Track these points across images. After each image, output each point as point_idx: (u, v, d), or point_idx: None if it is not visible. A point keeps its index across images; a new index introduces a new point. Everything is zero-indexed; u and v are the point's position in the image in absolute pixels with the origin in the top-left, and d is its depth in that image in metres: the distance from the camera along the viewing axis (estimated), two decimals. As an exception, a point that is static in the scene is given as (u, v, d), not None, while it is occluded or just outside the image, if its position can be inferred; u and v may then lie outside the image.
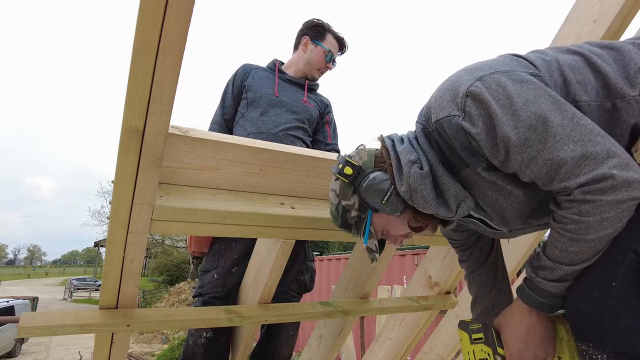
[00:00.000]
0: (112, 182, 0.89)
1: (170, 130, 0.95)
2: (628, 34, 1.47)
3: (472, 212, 0.97)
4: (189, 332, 1.76)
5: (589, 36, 1.34)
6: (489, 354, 0.90)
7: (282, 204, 1.19)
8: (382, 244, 1.09)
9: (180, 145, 0.99)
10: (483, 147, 0.80)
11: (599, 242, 0.77)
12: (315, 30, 2.06)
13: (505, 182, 0.85)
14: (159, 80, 0.73)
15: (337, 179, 0.96)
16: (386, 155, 0.93)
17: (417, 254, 6.97)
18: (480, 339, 0.92)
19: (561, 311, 0.88)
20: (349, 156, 0.95)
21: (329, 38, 2.06)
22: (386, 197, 0.91)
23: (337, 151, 2.04)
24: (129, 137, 0.80)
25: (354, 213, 0.97)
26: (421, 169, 0.87)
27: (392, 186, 0.91)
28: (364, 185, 0.92)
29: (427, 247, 1.96)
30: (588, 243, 0.77)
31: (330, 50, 2.04)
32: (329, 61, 2.06)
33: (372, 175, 0.92)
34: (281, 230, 1.21)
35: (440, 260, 1.79)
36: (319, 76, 2.10)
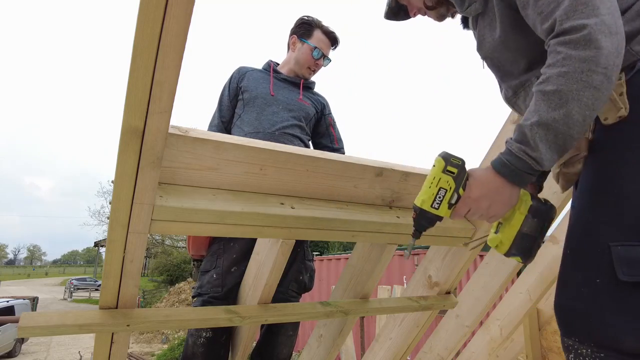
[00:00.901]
0: (112, 182, 0.90)
1: (170, 130, 0.95)
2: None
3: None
4: (189, 332, 1.75)
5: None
6: (450, 188, 0.92)
7: (282, 204, 1.19)
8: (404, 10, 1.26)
9: (180, 145, 0.99)
10: None
11: (554, 100, 0.78)
12: (302, 28, 2.04)
13: (500, 17, 0.95)
14: (159, 80, 0.73)
15: None
16: None
17: (417, 254, 6.97)
18: (452, 172, 0.93)
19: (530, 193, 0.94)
20: None
21: (317, 34, 2.02)
22: None
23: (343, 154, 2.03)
24: (129, 137, 0.80)
25: None
26: None
27: None
28: None
29: (427, 247, 1.96)
30: (544, 97, 0.80)
31: (316, 47, 2.00)
32: (317, 58, 2.01)
33: None
34: (281, 230, 1.21)
35: (440, 260, 1.79)
36: (310, 75, 2.07)
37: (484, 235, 1.51)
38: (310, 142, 2.05)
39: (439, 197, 0.93)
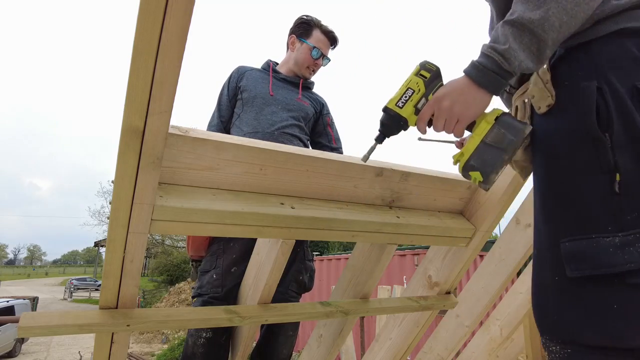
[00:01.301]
0: (112, 182, 0.90)
1: (170, 130, 0.95)
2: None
3: None
4: (189, 333, 1.75)
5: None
6: (419, 90, 0.90)
7: (282, 204, 1.19)
8: None
9: (180, 145, 0.99)
10: None
11: (532, 1, 0.76)
12: (301, 28, 2.03)
13: None
14: (159, 80, 0.73)
15: None
16: None
17: (417, 254, 6.97)
18: (424, 77, 0.92)
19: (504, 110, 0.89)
20: None
21: (316, 34, 2.01)
22: None
23: (340, 153, 2.02)
24: (129, 137, 0.80)
25: None
26: None
27: None
28: None
29: (427, 247, 1.96)
30: None
31: (315, 47, 1.99)
32: (316, 58, 2.00)
33: None
34: (281, 230, 1.21)
35: (440, 261, 1.79)
36: (310, 74, 2.06)
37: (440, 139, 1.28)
38: (309, 142, 2.05)
39: (405, 97, 0.90)
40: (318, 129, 2.08)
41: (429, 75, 0.91)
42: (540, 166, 0.84)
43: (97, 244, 35.85)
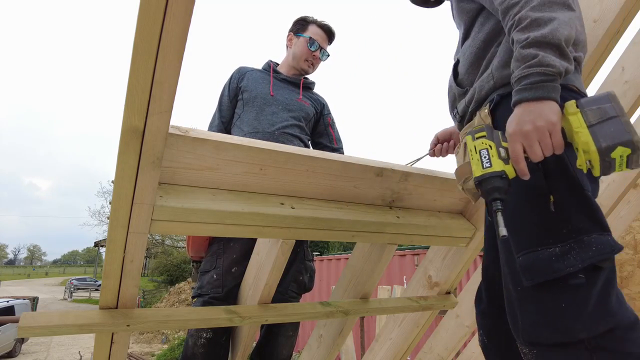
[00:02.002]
0: (112, 182, 0.90)
1: (170, 130, 0.95)
2: (628, 34, 1.47)
3: None
4: (189, 333, 1.75)
5: (589, 36, 1.34)
6: (490, 145, 0.89)
7: (282, 204, 1.19)
8: None
9: (180, 146, 0.99)
10: None
11: (534, 24, 0.84)
12: (298, 25, 2.06)
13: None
14: (159, 80, 0.73)
15: None
16: None
17: (417, 254, 6.97)
18: (483, 135, 0.91)
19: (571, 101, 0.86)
20: None
21: (312, 28, 2.03)
22: None
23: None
24: (129, 137, 0.80)
25: None
26: None
27: None
28: None
29: (427, 247, 1.96)
30: (527, 23, 0.85)
31: (312, 38, 2.00)
32: (314, 49, 2.01)
33: None
34: (281, 230, 1.21)
35: (440, 261, 1.79)
36: (309, 67, 2.06)
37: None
38: (309, 142, 2.05)
39: (485, 157, 0.88)
40: (319, 130, 2.08)
41: (484, 132, 0.91)
42: None
43: (97, 244, 35.85)
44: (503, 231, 0.82)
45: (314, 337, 1.95)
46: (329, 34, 2.06)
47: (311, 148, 2.07)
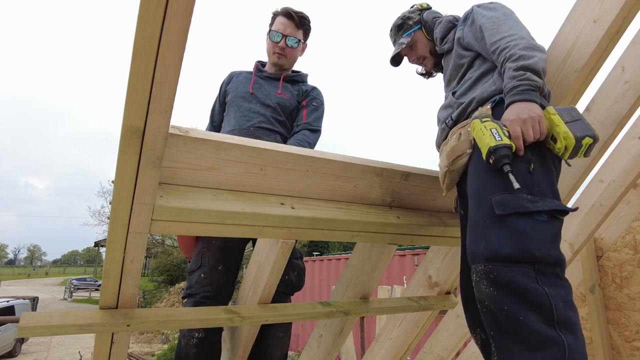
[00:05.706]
0: (112, 182, 0.90)
1: (171, 130, 0.95)
2: (628, 34, 1.47)
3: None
4: (181, 333, 1.74)
5: (589, 36, 1.34)
6: (496, 125, 1.14)
7: (282, 204, 1.19)
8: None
9: (180, 146, 0.99)
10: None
11: (522, 57, 1.20)
12: (270, 22, 2.06)
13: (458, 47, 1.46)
14: (159, 80, 0.73)
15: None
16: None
17: (417, 254, 6.97)
18: (488, 119, 1.17)
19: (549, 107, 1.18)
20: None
21: (277, 20, 2.01)
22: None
23: (311, 130, 1.96)
24: (129, 137, 0.80)
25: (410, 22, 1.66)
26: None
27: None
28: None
29: (427, 248, 1.96)
30: (520, 53, 1.20)
31: (272, 30, 1.99)
32: (277, 41, 1.98)
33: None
34: (281, 230, 1.21)
35: (440, 261, 1.79)
36: (282, 59, 2.02)
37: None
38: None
39: (496, 133, 1.12)
40: (296, 114, 2.05)
41: (489, 118, 1.18)
42: (473, 167, 1.21)
43: (97, 244, 35.84)
44: (516, 184, 1.06)
45: (314, 337, 1.95)
46: (291, 18, 2.00)
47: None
